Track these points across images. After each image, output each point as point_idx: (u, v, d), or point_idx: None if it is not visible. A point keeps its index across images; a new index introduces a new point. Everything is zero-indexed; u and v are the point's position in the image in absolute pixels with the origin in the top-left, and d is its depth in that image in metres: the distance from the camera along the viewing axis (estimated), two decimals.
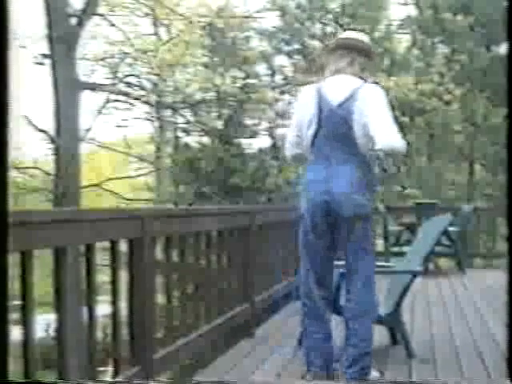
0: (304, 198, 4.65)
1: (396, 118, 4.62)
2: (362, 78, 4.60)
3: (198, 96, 19.41)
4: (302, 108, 4.69)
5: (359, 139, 4.45)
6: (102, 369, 4.29)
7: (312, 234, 4.65)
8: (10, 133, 2.02)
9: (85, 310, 3.76)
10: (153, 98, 19.66)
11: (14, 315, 2.94)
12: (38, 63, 17.70)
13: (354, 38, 4.73)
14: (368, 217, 4.54)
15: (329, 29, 19.72)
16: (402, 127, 19.44)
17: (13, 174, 17.52)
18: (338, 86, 4.57)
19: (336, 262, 4.81)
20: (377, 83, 4.67)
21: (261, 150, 19.74)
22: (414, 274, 5.60)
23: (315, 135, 4.56)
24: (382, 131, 4.39)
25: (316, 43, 19.64)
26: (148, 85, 20.46)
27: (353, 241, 4.54)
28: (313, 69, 16.83)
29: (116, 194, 21.36)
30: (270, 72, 21.04)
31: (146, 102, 20.00)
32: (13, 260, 2.90)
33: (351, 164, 4.48)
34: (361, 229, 4.51)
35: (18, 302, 3.10)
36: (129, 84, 20.02)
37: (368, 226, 4.56)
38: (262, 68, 21.04)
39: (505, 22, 2.44)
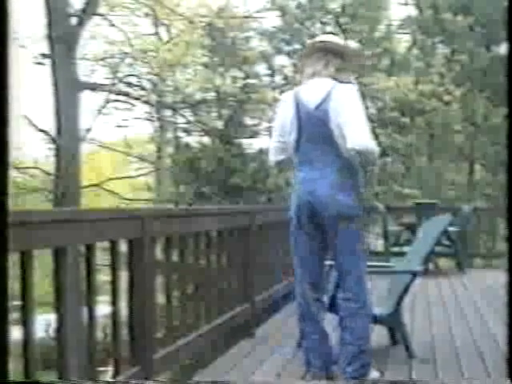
0: (292, 200, 4.73)
1: (396, 118, 4.68)
2: (335, 78, 4.64)
3: (198, 96, 19.42)
4: (283, 114, 4.76)
5: (338, 140, 4.49)
6: (102, 369, 4.29)
7: (300, 235, 4.71)
8: (10, 132, 2.02)
9: (85, 310, 3.76)
10: (153, 98, 19.66)
11: (14, 315, 2.94)
12: (38, 63, 17.70)
13: (328, 41, 4.78)
14: (354, 217, 4.57)
15: (329, 29, 19.70)
16: (402, 127, 19.45)
17: (13, 174, 17.52)
18: (314, 88, 4.64)
19: (330, 262, 4.84)
20: (351, 82, 4.70)
21: (261, 150, 19.73)
22: (414, 274, 5.60)
23: (298, 140, 4.62)
24: (354, 131, 4.44)
25: None
26: (148, 85, 20.46)
27: (340, 241, 4.58)
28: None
29: (116, 194, 21.36)
30: (270, 72, 21.05)
31: (147, 102, 20.00)
32: (13, 260, 2.91)
33: (334, 165, 4.54)
34: (347, 229, 4.55)
35: (18, 302, 3.10)
36: (129, 84, 20.02)
37: (355, 226, 4.58)
38: (262, 68, 21.05)
39: (505, 22, 2.44)
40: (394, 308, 5.70)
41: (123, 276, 4.17)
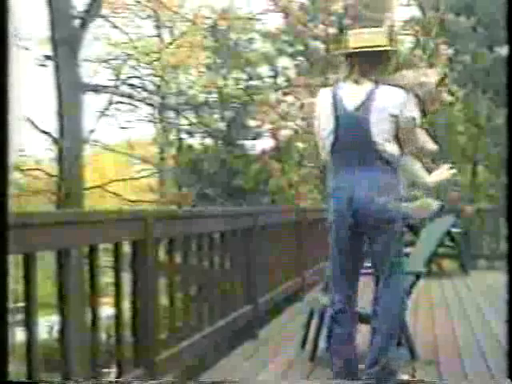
0: (330, 206, 4.58)
1: None
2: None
3: (201, 98, 19.44)
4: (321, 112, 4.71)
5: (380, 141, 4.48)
6: (105, 370, 4.28)
7: (340, 242, 4.56)
8: (11, 134, 2.02)
9: (88, 311, 3.76)
10: (156, 100, 19.68)
11: (18, 317, 2.94)
12: (41, 65, 17.73)
13: None
14: (393, 220, 4.45)
15: (331, 30, 19.69)
16: None
17: (16, 176, 17.54)
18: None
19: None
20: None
21: (264, 152, 19.73)
22: (417, 276, 5.59)
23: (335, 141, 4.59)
24: None
25: (319, 45, 19.63)
26: (151, 86, 20.48)
27: (378, 245, 4.50)
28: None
29: (119, 195, 21.37)
30: (272, 74, 21.04)
31: (149, 104, 20.02)
32: (16, 262, 2.91)
33: (373, 168, 4.46)
34: (386, 233, 4.45)
35: (21, 304, 3.10)
36: (132, 86, 20.05)
37: (395, 228, 4.47)
38: (264, 70, 21.04)
39: (505, 24, 2.43)
40: None
41: (126, 277, 4.17)
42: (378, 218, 4.42)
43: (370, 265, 4.65)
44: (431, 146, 4.85)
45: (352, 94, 4.49)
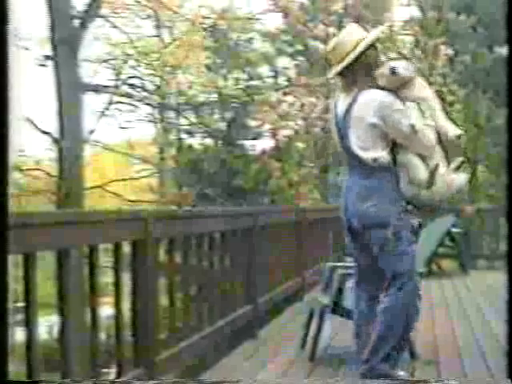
0: None
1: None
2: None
3: (201, 98, 19.42)
4: None
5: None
6: (105, 370, 4.29)
7: (351, 240, 4.73)
8: (11, 134, 2.02)
9: (88, 311, 3.76)
10: (156, 100, 19.68)
11: (18, 317, 2.94)
12: (41, 65, 17.73)
13: None
14: (380, 225, 4.45)
15: (331, 30, 19.69)
16: None
17: (16, 176, 17.54)
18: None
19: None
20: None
21: (264, 152, 19.75)
22: (418, 276, 5.58)
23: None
24: None
25: (319, 45, 19.64)
26: (151, 86, 20.47)
27: (374, 249, 4.54)
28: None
29: (119, 195, 21.35)
30: (272, 74, 21.04)
31: (149, 104, 20.02)
32: (16, 262, 2.91)
33: (360, 175, 4.53)
34: (376, 237, 4.49)
35: (21, 304, 3.10)
36: (132, 86, 20.03)
37: (385, 232, 4.46)
38: (264, 70, 21.05)
39: (505, 23, 2.43)
40: None
41: (126, 277, 4.17)
42: (363, 223, 4.50)
43: None
44: (454, 131, 4.61)
45: (343, 99, 4.57)
